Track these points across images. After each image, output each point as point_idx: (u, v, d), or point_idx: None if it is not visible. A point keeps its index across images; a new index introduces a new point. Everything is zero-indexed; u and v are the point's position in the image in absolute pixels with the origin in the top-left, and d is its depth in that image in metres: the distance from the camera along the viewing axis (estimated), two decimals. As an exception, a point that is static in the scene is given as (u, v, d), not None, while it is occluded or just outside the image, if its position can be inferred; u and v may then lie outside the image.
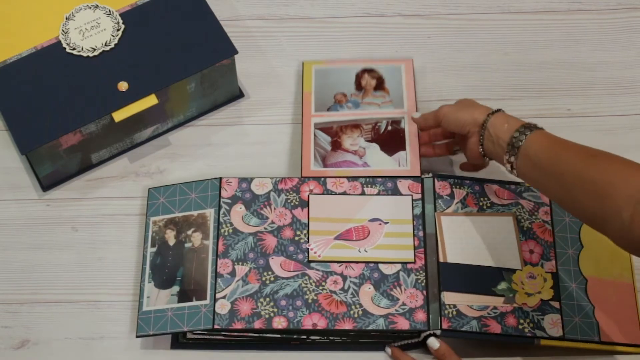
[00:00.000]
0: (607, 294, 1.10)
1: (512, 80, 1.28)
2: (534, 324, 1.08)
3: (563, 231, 1.13)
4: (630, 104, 1.27)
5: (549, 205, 1.14)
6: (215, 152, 1.24)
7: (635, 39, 1.32)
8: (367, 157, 1.18)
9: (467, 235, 1.12)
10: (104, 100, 1.15)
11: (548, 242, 1.12)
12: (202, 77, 1.20)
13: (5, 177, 1.22)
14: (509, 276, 1.10)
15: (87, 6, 1.21)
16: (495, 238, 1.12)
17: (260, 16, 1.34)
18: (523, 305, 1.08)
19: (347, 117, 1.21)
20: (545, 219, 1.14)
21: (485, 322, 1.07)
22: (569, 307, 1.09)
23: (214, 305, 1.07)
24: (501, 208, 1.14)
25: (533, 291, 1.09)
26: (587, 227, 1.11)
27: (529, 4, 1.34)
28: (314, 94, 1.22)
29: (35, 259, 1.17)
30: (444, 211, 1.13)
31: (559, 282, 1.10)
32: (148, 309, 1.09)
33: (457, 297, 1.08)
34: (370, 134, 1.19)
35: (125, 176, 1.22)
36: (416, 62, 1.30)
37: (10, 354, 1.11)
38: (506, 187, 1.15)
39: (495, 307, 1.08)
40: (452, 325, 1.06)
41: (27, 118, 1.14)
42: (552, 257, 1.11)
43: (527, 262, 1.11)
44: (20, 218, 1.19)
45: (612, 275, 1.12)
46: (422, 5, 1.34)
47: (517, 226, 1.13)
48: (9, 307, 1.14)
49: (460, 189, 1.15)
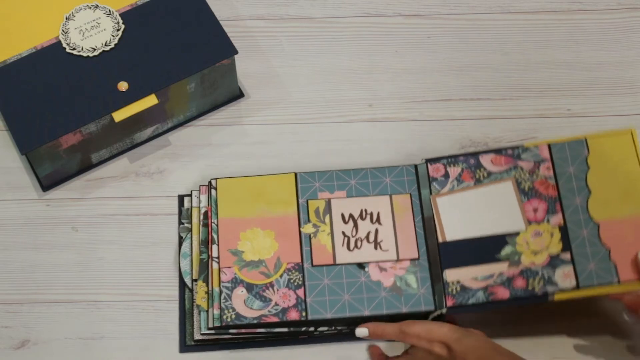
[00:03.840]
0: (623, 234, 1.06)
1: (512, 80, 1.28)
2: (545, 280, 1.04)
3: (568, 182, 1.09)
4: (630, 104, 1.27)
5: (550, 160, 1.11)
6: (215, 152, 1.24)
7: (635, 39, 1.32)
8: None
9: (465, 210, 1.10)
10: (104, 100, 1.15)
11: (552, 197, 1.09)
12: (202, 77, 1.20)
13: (5, 177, 1.22)
14: (513, 239, 1.07)
15: (87, 6, 1.21)
16: (495, 206, 1.10)
17: (260, 16, 1.34)
18: (531, 265, 1.05)
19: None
20: (548, 174, 1.10)
21: (491, 290, 1.05)
22: (581, 255, 1.05)
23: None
24: (499, 175, 1.11)
25: (540, 248, 1.06)
26: (596, 171, 1.09)
27: (529, 4, 1.34)
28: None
29: (35, 259, 1.17)
30: (439, 192, 1.12)
31: (568, 233, 1.07)
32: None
33: (460, 273, 1.07)
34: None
35: (125, 176, 1.22)
36: (416, 62, 1.30)
37: (10, 354, 1.11)
38: (502, 153, 1.12)
39: (501, 273, 1.06)
40: (456, 302, 1.05)
41: (27, 118, 1.14)
42: (558, 210, 1.08)
43: (531, 222, 1.08)
44: (20, 218, 1.19)
45: (626, 213, 1.07)
46: (422, 5, 1.34)
47: (518, 189, 1.10)
48: (9, 307, 1.14)
49: (455, 166, 1.13)
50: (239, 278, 1.09)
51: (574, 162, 1.10)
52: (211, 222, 1.12)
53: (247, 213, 1.12)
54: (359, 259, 1.10)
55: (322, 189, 1.14)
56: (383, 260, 1.10)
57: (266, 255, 1.10)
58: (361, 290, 1.08)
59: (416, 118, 1.26)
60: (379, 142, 1.24)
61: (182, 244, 1.16)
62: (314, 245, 1.11)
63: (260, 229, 1.12)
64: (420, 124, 1.25)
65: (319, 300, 1.07)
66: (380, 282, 1.08)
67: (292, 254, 1.10)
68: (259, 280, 1.09)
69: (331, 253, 1.10)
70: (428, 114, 1.26)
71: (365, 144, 1.24)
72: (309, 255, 1.10)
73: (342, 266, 1.09)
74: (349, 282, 1.08)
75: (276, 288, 1.08)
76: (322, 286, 1.08)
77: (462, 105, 1.26)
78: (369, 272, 1.09)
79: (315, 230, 1.12)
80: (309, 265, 1.09)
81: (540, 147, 1.12)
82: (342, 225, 1.12)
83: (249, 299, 1.08)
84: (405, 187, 1.14)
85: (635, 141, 1.11)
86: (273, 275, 1.09)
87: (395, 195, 1.13)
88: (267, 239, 1.11)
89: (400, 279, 1.08)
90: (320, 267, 1.09)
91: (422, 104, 1.27)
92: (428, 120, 1.26)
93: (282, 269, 1.09)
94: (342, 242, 1.11)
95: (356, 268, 1.09)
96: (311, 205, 1.13)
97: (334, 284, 1.08)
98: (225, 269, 1.09)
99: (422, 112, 1.26)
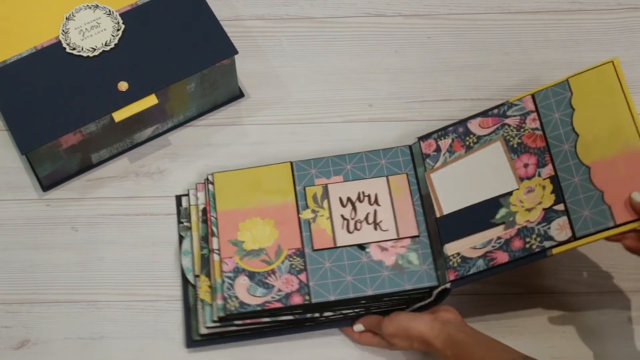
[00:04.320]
0: (615, 172, 1.01)
1: (512, 80, 1.28)
2: (541, 236, 1.03)
3: (555, 129, 1.07)
4: (630, 104, 1.27)
5: (535, 111, 1.09)
6: (215, 152, 1.24)
7: (635, 39, 1.32)
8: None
9: (459, 180, 1.10)
10: (104, 100, 1.15)
11: (541, 148, 1.07)
12: (202, 77, 1.20)
13: (5, 177, 1.22)
14: (507, 200, 1.06)
15: (87, 6, 1.21)
16: (487, 170, 1.09)
17: (260, 16, 1.34)
18: (526, 223, 1.04)
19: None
20: (534, 125, 1.08)
21: (491, 256, 1.04)
22: (575, 203, 1.03)
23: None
24: (488, 137, 1.10)
25: (533, 204, 1.05)
26: (581, 112, 1.05)
27: (529, 4, 1.34)
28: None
29: (35, 259, 1.17)
30: (433, 168, 1.12)
31: (559, 183, 1.04)
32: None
33: (459, 244, 1.06)
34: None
35: (125, 176, 1.22)
36: (416, 62, 1.30)
37: (10, 354, 1.11)
38: (489, 114, 1.12)
39: (499, 237, 1.05)
40: (458, 274, 1.05)
41: (27, 118, 1.14)
42: (547, 161, 1.06)
43: (523, 179, 1.06)
44: (20, 218, 1.19)
45: (616, 150, 1.02)
46: (422, 5, 1.34)
47: (507, 147, 1.08)
48: (9, 307, 1.14)
49: (445, 138, 1.13)
50: (240, 267, 1.09)
51: (559, 107, 1.08)
52: (210, 217, 1.12)
53: (245, 204, 1.13)
54: (360, 241, 1.10)
55: (318, 175, 1.14)
56: (383, 240, 1.10)
57: (266, 243, 1.10)
58: (363, 270, 1.08)
59: (416, 118, 1.26)
60: (379, 142, 1.24)
61: (182, 243, 1.16)
62: (314, 229, 1.11)
63: (259, 218, 1.12)
64: (420, 124, 1.25)
65: (321, 284, 1.07)
66: (382, 262, 1.09)
67: (292, 240, 1.10)
68: (260, 268, 1.09)
69: (331, 236, 1.10)
70: (428, 114, 1.26)
71: (365, 144, 1.23)
72: (309, 240, 1.10)
73: (343, 248, 1.10)
74: (350, 263, 1.09)
75: (278, 274, 1.09)
76: (324, 269, 1.08)
77: (462, 105, 1.26)
78: (370, 253, 1.09)
79: (314, 216, 1.12)
80: (309, 249, 1.10)
81: (524, 99, 1.10)
82: (341, 208, 1.12)
83: (251, 286, 1.08)
84: (402, 168, 1.14)
85: (617, 71, 1.06)
86: (274, 262, 1.09)
87: (392, 176, 1.14)
88: (267, 227, 1.11)
89: (402, 257, 1.09)
90: (321, 251, 1.10)
91: (422, 104, 1.27)
92: (428, 120, 1.26)
93: (283, 256, 1.09)
94: (342, 225, 1.11)
95: (357, 249, 1.09)
96: (309, 192, 1.13)
97: (335, 267, 1.08)
98: (227, 259, 1.09)
99: (422, 112, 1.26)
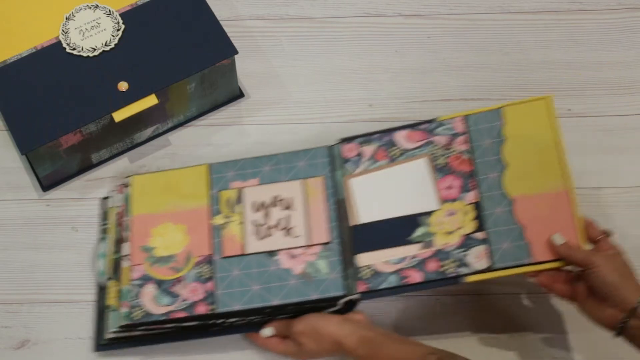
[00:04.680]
0: (538, 210, 1.02)
1: (512, 80, 1.28)
2: (458, 261, 1.02)
3: (483, 155, 1.06)
4: (630, 104, 1.27)
5: (466, 133, 1.08)
6: (215, 152, 1.24)
7: (635, 39, 1.32)
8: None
9: (378, 191, 1.08)
10: (104, 100, 1.15)
11: (467, 172, 1.06)
12: (202, 77, 1.20)
13: (5, 177, 1.22)
14: (426, 220, 1.05)
15: (87, 6, 1.21)
16: (409, 185, 1.07)
17: (260, 16, 1.34)
18: (444, 245, 1.03)
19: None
20: (463, 148, 1.07)
21: (404, 274, 1.03)
22: (495, 234, 1.02)
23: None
24: (414, 152, 1.09)
25: (453, 228, 1.04)
26: (511, 143, 1.05)
27: (529, 4, 1.34)
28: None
29: (35, 259, 1.17)
30: (352, 173, 1.09)
31: (482, 211, 1.04)
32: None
33: (372, 256, 1.04)
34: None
35: (125, 176, 1.22)
36: (416, 62, 1.30)
37: (10, 354, 1.11)
38: (417, 128, 1.11)
39: (414, 255, 1.03)
40: (369, 286, 1.03)
41: (27, 118, 1.14)
42: (472, 187, 1.05)
43: (445, 200, 1.06)
44: (20, 218, 1.19)
45: (542, 188, 1.03)
46: (422, 5, 1.34)
47: (432, 165, 1.07)
48: (9, 307, 1.14)
49: (369, 145, 1.11)
50: (148, 275, 1.08)
51: (490, 134, 1.07)
52: (123, 221, 1.12)
53: (159, 208, 1.11)
54: (270, 248, 1.08)
55: (234, 178, 1.12)
56: (294, 247, 1.08)
57: (177, 249, 1.09)
58: (271, 279, 1.06)
59: (416, 118, 1.26)
60: (379, 142, 1.24)
61: (100, 245, 1.15)
62: (224, 236, 1.09)
63: (172, 223, 1.10)
64: (420, 124, 1.25)
65: (228, 292, 1.06)
66: (289, 270, 1.07)
67: (202, 247, 1.09)
68: (168, 275, 1.08)
69: (241, 243, 1.08)
70: (428, 114, 1.26)
71: (365, 144, 1.24)
72: (219, 247, 1.09)
73: (252, 256, 1.08)
74: (258, 271, 1.07)
75: (185, 283, 1.07)
76: (231, 277, 1.07)
77: (462, 105, 1.26)
78: (279, 260, 1.07)
79: (226, 221, 1.10)
80: (218, 257, 1.08)
81: (455, 120, 1.09)
82: (254, 214, 1.10)
83: (157, 295, 1.07)
84: (320, 170, 1.12)
85: (550, 109, 1.07)
86: (183, 269, 1.08)
87: (308, 179, 1.12)
88: (179, 233, 1.10)
89: (310, 264, 1.07)
90: (230, 259, 1.08)
91: (422, 104, 1.27)
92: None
93: (192, 263, 1.08)
94: (253, 231, 1.09)
95: (266, 257, 1.08)
96: (223, 196, 1.11)
97: (244, 275, 1.07)
98: (136, 266, 1.08)
99: (422, 112, 1.26)
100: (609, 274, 0.97)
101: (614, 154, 1.23)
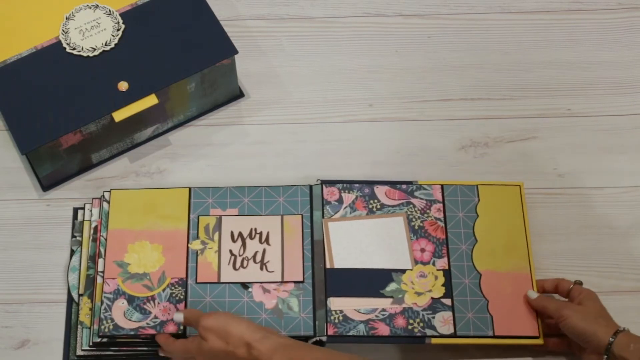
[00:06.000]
0: (502, 287, 1.09)
1: (512, 80, 1.28)
2: (425, 323, 1.07)
3: (456, 227, 1.12)
4: (630, 104, 1.27)
5: (442, 202, 1.14)
6: (215, 152, 1.24)
7: (635, 39, 1.32)
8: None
9: (355, 239, 1.12)
10: (104, 100, 1.15)
11: (440, 240, 1.12)
12: (202, 77, 1.20)
13: (5, 177, 1.22)
14: (399, 277, 1.10)
15: (87, 6, 1.21)
16: (385, 240, 1.12)
17: (260, 16, 1.34)
18: (413, 305, 1.08)
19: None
20: (438, 216, 1.13)
21: (372, 325, 1.07)
22: (461, 303, 1.08)
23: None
24: (392, 209, 1.13)
25: (423, 290, 1.09)
26: (482, 220, 1.13)
27: (529, 4, 1.34)
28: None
29: (35, 259, 1.17)
30: (332, 217, 1.13)
31: (451, 278, 1.10)
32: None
33: (344, 302, 1.08)
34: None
35: (125, 176, 1.22)
36: (416, 62, 1.30)
37: (10, 354, 1.11)
38: (397, 187, 1.15)
39: (384, 309, 1.08)
40: (338, 331, 1.06)
41: (27, 118, 1.14)
42: (444, 254, 1.11)
43: (418, 261, 1.10)
44: (20, 218, 1.19)
45: (508, 267, 1.11)
46: (422, 5, 1.34)
47: (408, 226, 1.12)
48: (9, 307, 1.14)
49: (349, 193, 1.14)
50: (121, 290, 1.08)
51: (464, 207, 1.14)
52: (100, 236, 1.12)
53: (137, 225, 1.12)
54: (244, 279, 1.09)
55: (214, 205, 1.13)
56: (268, 281, 1.09)
57: (151, 268, 1.10)
58: (243, 310, 1.07)
59: (416, 118, 1.26)
60: (379, 142, 1.24)
61: (72, 257, 1.15)
62: (200, 262, 1.10)
63: (148, 242, 1.11)
64: (420, 124, 1.25)
65: None
66: (262, 304, 1.08)
67: (177, 270, 1.10)
68: (141, 293, 1.08)
69: (216, 271, 1.10)
70: (428, 114, 1.26)
71: (365, 144, 1.24)
72: (194, 272, 1.09)
73: (226, 285, 1.09)
74: (231, 301, 1.08)
75: (157, 301, 1.08)
76: (203, 304, 1.08)
77: (462, 105, 1.27)
78: (252, 293, 1.08)
79: (203, 247, 1.11)
80: (192, 281, 1.09)
81: (433, 187, 1.15)
82: (231, 243, 1.11)
83: (128, 310, 1.07)
84: (298, 208, 1.13)
85: (522, 195, 1.14)
86: (156, 288, 1.09)
87: (287, 215, 1.13)
88: (155, 252, 1.11)
89: (282, 301, 1.08)
90: (204, 285, 1.09)
91: (422, 104, 1.27)
92: (428, 120, 1.26)
93: (166, 284, 1.09)
94: (229, 260, 1.10)
95: (240, 288, 1.09)
96: (202, 222, 1.12)
97: (216, 302, 1.08)
98: (109, 280, 1.09)
99: (422, 112, 1.26)
100: (579, 322, 1.03)
101: (614, 154, 1.23)
